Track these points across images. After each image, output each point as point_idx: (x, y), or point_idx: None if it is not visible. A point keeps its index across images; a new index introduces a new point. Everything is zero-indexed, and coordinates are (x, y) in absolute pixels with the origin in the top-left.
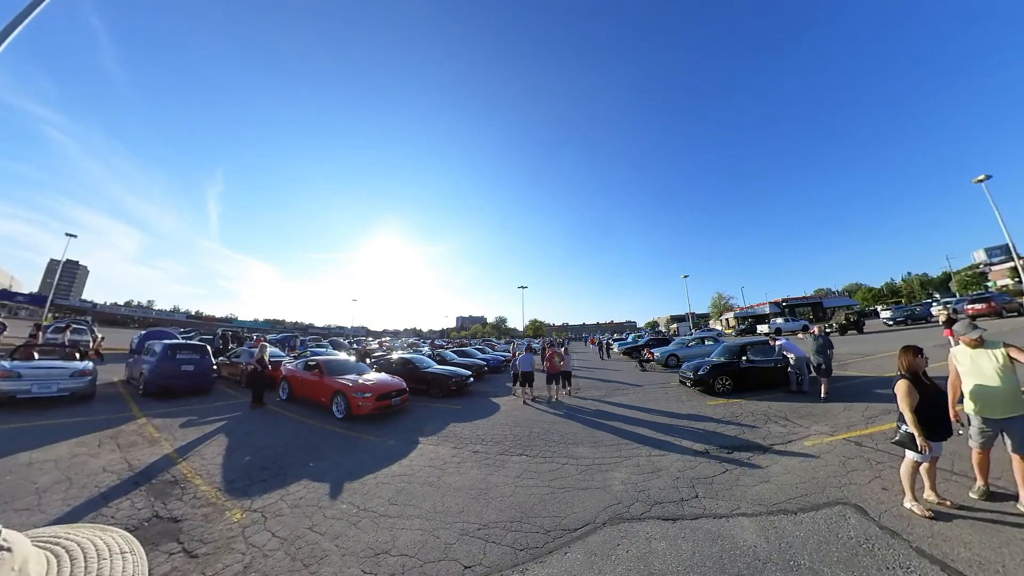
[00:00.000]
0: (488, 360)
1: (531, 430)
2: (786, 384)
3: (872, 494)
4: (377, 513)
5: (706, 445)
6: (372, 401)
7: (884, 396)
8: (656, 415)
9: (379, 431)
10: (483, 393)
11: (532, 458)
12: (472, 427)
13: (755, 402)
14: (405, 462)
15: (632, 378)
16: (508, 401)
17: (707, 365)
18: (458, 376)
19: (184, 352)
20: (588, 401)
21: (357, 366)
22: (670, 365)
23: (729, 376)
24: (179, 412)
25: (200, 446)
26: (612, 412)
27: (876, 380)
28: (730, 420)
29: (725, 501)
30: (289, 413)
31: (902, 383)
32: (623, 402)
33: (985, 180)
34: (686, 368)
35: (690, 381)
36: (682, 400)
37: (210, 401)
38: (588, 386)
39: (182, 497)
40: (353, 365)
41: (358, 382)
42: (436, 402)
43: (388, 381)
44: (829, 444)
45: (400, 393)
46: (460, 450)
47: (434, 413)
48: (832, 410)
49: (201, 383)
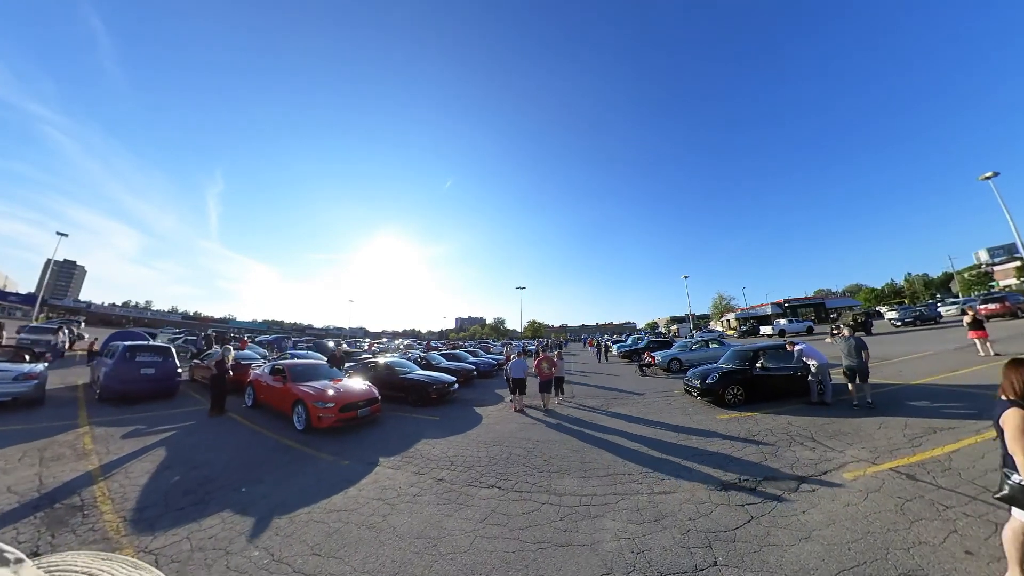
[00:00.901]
0: (478, 364)
1: (511, 451)
2: (805, 395)
3: (953, 561)
4: (291, 567)
5: (722, 474)
6: (334, 412)
7: (922, 410)
8: (659, 430)
9: (338, 447)
10: (468, 401)
11: (505, 492)
12: (445, 445)
13: (772, 416)
14: (352, 492)
15: (632, 384)
16: (493, 411)
17: (716, 373)
18: (439, 383)
19: (144, 354)
20: (583, 411)
21: (329, 371)
22: (672, 370)
23: (741, 385)
24: (130, 420)
25: (132, 461)
26: (609, 426)
27: (906, 389)
28: (747, 439)
29: (755, 574)
30: (248, 423)
31: (1015, 413)
32: (622, 413)
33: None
34: (692, 375)
35: (697, 390)
36: (688, 412)
37: (170, 407)
38: (584, 393)
39: (77, 529)
40: (324, 370)
41: (321, 390)
42: (414, 412)
43: (356, 389)
44: (875, 477)
45: (370, 403)
46: (422, 477)
47: (407, 426)
48: (864, 428)
49: (163, 388)
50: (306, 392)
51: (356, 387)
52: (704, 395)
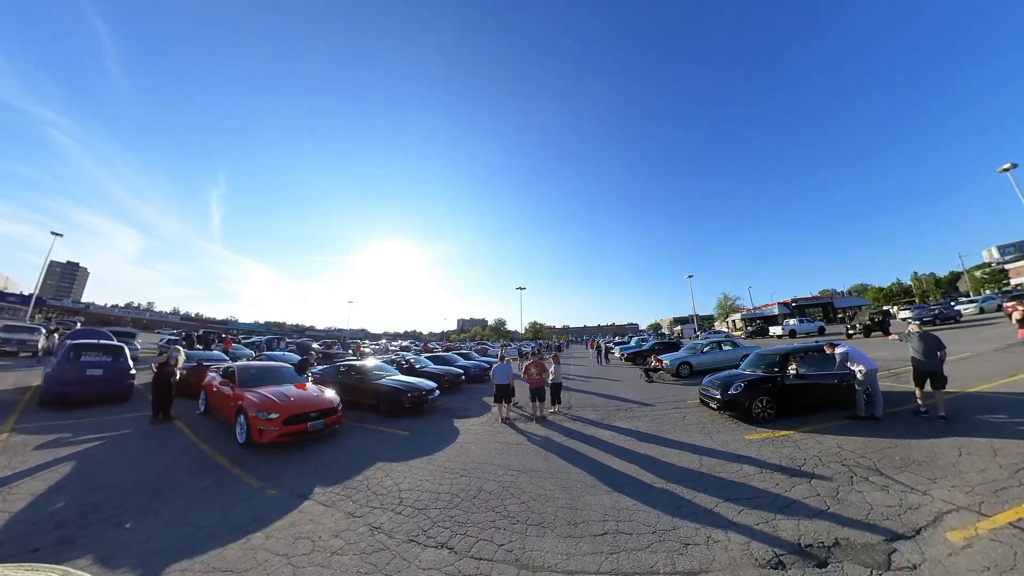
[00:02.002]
0: (468, 368)
1: (483, 484)
2: (849, 408)
3: None
4: None
5: (771, 529)
6: (277, 425)
7: (1003, 427)
8: (674, 455)
9: (273, 469)
10: (450, 411)
11: (457, 558)
12: (403, 471)
13: (815, 436)
14: (257, 539)
15: (637, 392)
16: (475, 425)
17: (741, 381)
18: (415, 390)
19: (91, 353)
20: (581, 425)
21: (290, 375)
22: (682, 375)
23: (770, 396)
24: (61, 426)
25: (25, 479)
26: (611, 446)
27: (966, 399)
28: (790, 469)
29: None
30: (190, 433)
31: None
32: (627, 429)
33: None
34: (710, 383)
35: (717, 402)
36: (708, 430)
37: (116, 412)
38: (583, 402)
39: None
40: (285, 374)
41: (266, 398)
42: (382, 424)
43: (309, 397)
44: (995, 539)
45: (325, 413)
46: (354, 522)
47: (367, 442)
48: (941, 453)
49: (113, 390)
50: (249, 400)
51: (311, 395)
52: (726, 408)
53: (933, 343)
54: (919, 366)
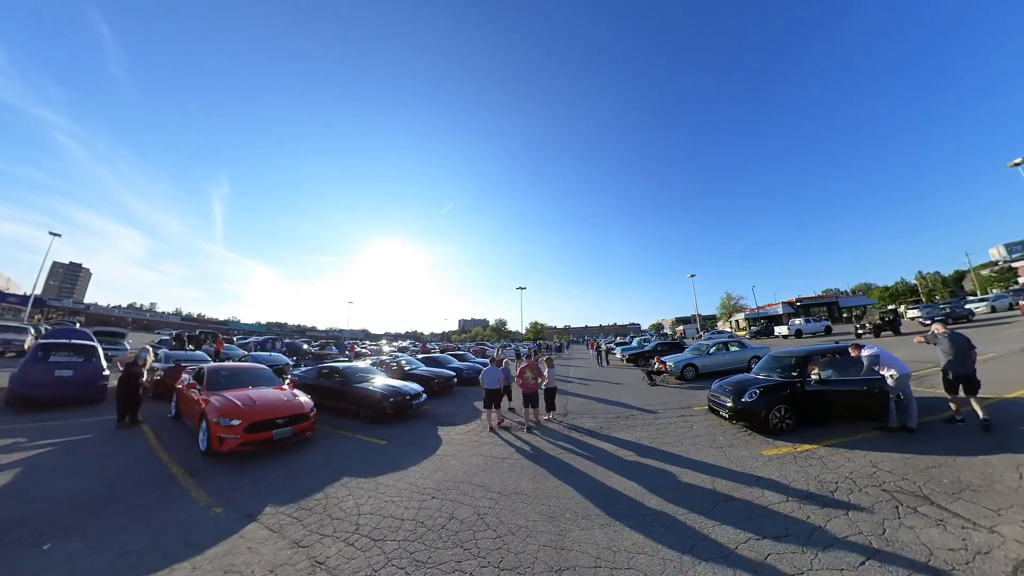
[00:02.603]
0: (462, 370)
1: (455, 510)
2: (878, 418)
3: None
4: None
5: None
6: (239, 432)
7: None
8: (682, 472)
9: (227, 483)
10: (436, 417)
11: None
12: (369, 489)
13: (843, 452)
14: (180, 571)
15: (640, 397)
16: (460, 433)
17: (756, 387)
18: (398, 395)
19: (61, 353)
20: (576, 434)
21: (266, 377)
22: (687, 378)
23: (789, 404)
24: (19, 430)
25: None
26: (609, 461)
27: (1007, 406)
28: (822, 497)
29: None
30: (153, 439)
31: None
32: (628, 441)
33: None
34: (720, 389)
35: (728, 411)
36: (719, 443)
37: (84, 415)
38: (581, 408)
39: None
40: (259, 376)
41: (229, 403)
42: (362, 431)
43: (277, 402)
44: None
45: (294, 420)
46: (296, 554)
47: (339, 452)
48: (995, 473)
49: (84, 392)
50: (212, 404)
51: (279, 400)
52: (739, 417)
53: (965, 343)
54: (952, 369)
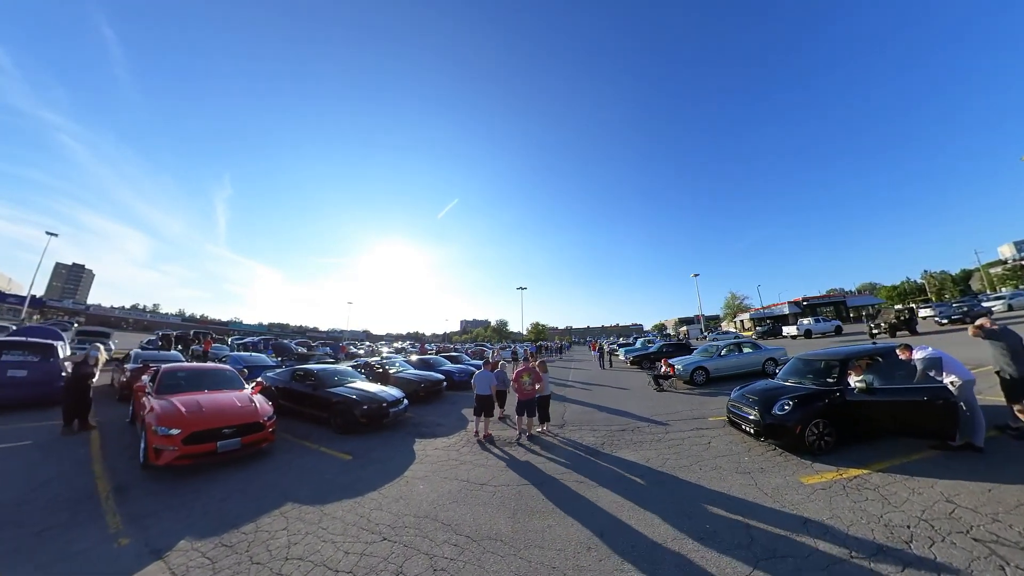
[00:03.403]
0: (453, 372)
1: (406, 561)
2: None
3: None
4: None
5: None
6: (176, 443)
7: None
8: (704, 510)
9: (153, 504)
10: (418, 426)
11: None
12: (312, 521)
13: (900, 479)
14: None
15: (646, 404)
16: (439, 448)
17: (788, 397)
18: (374, 402)
19: (14, 352)
20: (573, 452)
21: (226, 378)
22: (697, 382)
23: (829, 418)
24: None
25: None
26: (612, 489)
27: None
28: (895, 551)
29: None
30: (96, 447)
31: None
32: (635, 463)
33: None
34: (741, 398)
35: (754, 425)
36: (745, 464)
37: (32, 419)
38: (581, 417)
39: None
40: (221, 377)
41: (169, 408)
42: (329, 442)
43: (226, 408)
44: None
45: (245, 429)
46: None
47: (294, 469)
48: None
49: (39, 394)
50: (154, 410)
51: (230, 406)
52: (768, 434)
53: (1017, 341)
54: (1012, 371)
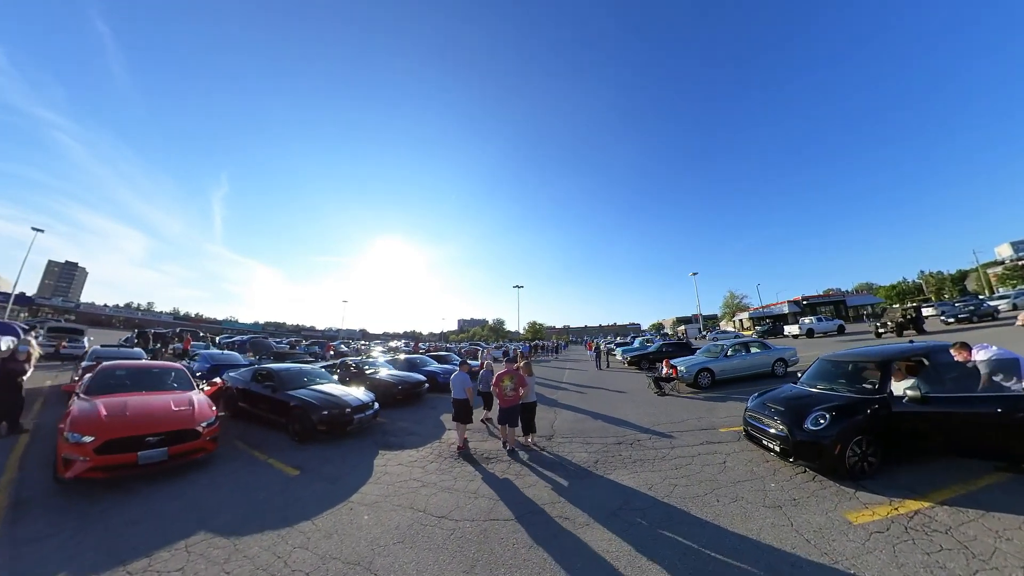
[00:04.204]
0: (437, 374)
1: None
2: (1000, 453)
3: None
4: None
5: None
6: (88, 453)
7: None
8: (723, 557)
9: (47, 529)
10: (387, 434)
11: None
12: (216, 560)
13: (973, 514)
14: None
15: (647, 412)
16: (401, 465)
17: (823, 409)
18: (335, 407)
19: None
20: (561, 473)
21: (172, 378)
22: (702, 385)
23: (872, 435)
24: None
25: None
26: (606, 531)
27: None
28: None
29: None
30: (17, 455)
31: None
32: (635, 490)
33: None
34: (761, 408)
35: (782, 443)
36: (772, 495)
37: None
38: (572, 427)
39: None
40: (166, 376)
41: (88, 412)
42: (280, 452)
43: (158, 412)
44: None
45: (176, 437)
46: None
47: (222, 488)
48: None
49: None
50: (71, 413)
51: (160, 409)
52: (800, 454)
53: None
54: None
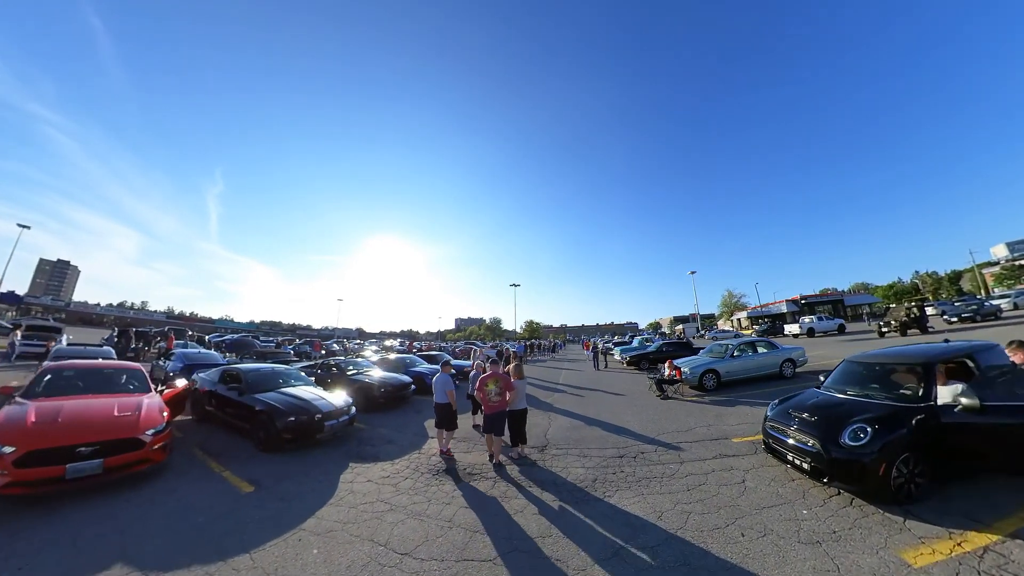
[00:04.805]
0: (425, 374)
1: None
2: None
3: None
4: None
5: None
6: (7, 466)
7: None
8: None
9: None
10: (362, 442)
11: None
12: None
13: None
14: None
15: (650, 418)
16: (371, 480)
17: (864, 421)
18: (303, 412)
19: None
20: (554, 493)
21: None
22: (706, 387)
23: (919, 451)
24: None
25: None
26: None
27: None
28: None
29: None
30: None
31: None
32: (640, 518)
33: None
34: (783, 417)
35: (813, 460)
36: (807, 527)
37: None
38: (567, 436)
39: None
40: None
41: (19, 416)
42: (239, 464)
43: (96, 418)
44: None
45: (113, 448)
46: None
47: (155, 510)
48: None
49: None
50: None
51: (105, 416)
52: (837, 474)
53: None
54: None
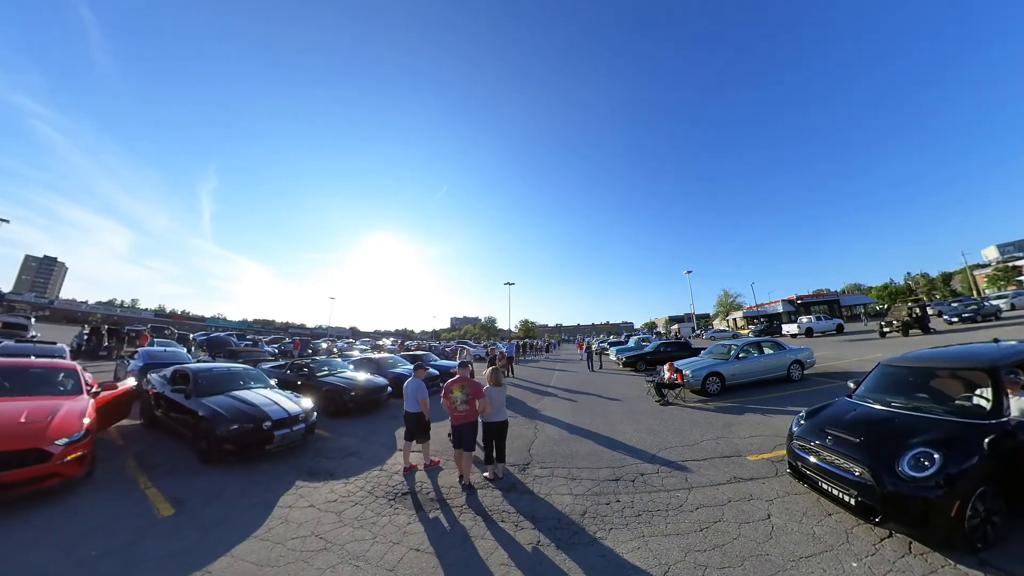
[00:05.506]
0: (404, 376)
1: None
2: None
3: None
4: None
5: None
6: None
7: None
8: None
9: None
10: (316, 454)
11: None
12: None
13: None
14: None
15: (649, 428)
16: (316, 504)
17: (922, 446)
18: (248, 419)
19: None
20: (537, 528)
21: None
22: (710, 391)
23: (998, 482)
24: None
25: None
26: None
27: None
28: None
29: None
30: None
31: None
32: (642, 570)
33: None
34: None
35: (858, 494)
36: None
37: None
38: (556, 450)
39: None
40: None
41: None
42: (167, 478)
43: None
44: None
45: (11, 461)
46: None
47: (62, 532)
48: None
49: None
50: None
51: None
52: (891, 514)
53: None
54: None
